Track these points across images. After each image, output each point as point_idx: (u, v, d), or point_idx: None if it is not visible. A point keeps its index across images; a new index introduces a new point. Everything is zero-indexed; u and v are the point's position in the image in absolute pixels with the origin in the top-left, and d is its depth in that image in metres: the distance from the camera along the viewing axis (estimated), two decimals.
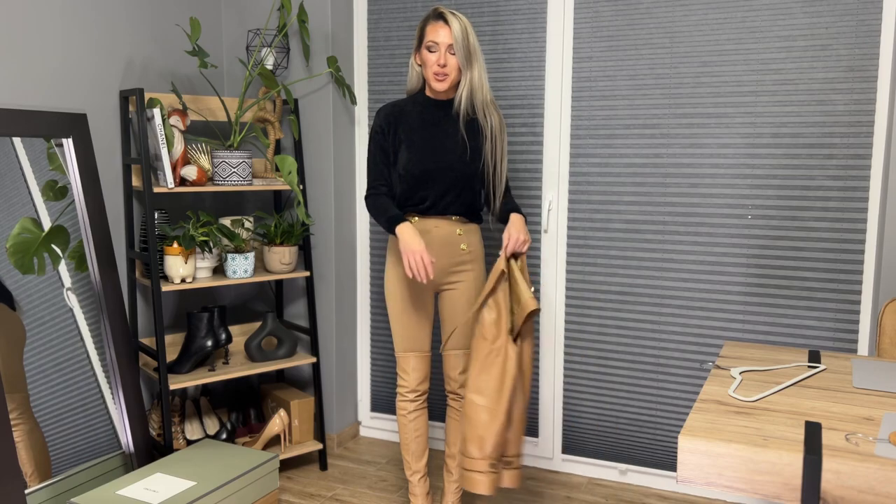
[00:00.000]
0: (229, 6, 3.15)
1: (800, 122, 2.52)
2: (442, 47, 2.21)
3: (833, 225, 2.51)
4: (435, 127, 2.30)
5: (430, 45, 2.22)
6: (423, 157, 2.27)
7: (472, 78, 2.24)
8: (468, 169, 2.30)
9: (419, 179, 2.28)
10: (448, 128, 2.30)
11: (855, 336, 2.52)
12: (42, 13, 2.45)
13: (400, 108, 2.33)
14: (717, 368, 1.76)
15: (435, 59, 2.22)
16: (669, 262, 2.74)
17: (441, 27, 2.21)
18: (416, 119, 2.30)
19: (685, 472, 1.35)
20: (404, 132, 2.29)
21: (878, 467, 1.21)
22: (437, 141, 2.28)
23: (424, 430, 2.47)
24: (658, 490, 2.84)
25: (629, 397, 2.86)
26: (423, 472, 2.49)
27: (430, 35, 2.22)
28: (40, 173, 2.43)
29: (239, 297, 3.29)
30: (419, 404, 2.45)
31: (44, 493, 2.28)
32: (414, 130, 2.29)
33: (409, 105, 2.33)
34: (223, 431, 2.87)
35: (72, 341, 2.44)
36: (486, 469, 2.15)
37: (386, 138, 2.30)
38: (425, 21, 2.25)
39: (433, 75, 2.24)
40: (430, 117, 2.31)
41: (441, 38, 2.21)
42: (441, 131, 2.29)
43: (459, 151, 2.29)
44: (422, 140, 2.28)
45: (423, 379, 2.44)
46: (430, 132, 2.29)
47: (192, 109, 2.79)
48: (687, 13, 2.63)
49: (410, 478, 2.50)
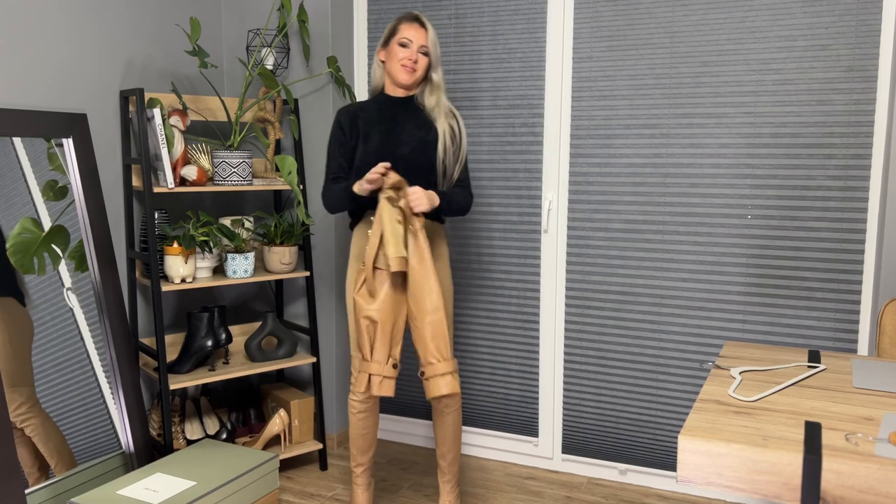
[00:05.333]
0: (229, 6, 3.15)
1: (800, 122, 2.52)
2: (415, 45, 2.30)
3: (833, 225, 2.51)
4: (393, 121, 2.36)
5: (404, 41, 2.30)
6: (379, 148, 2.32)
7: (436, 81, 2.35)
8: (425, 161, 2.34)
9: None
10: (405, 122, 2.36)
11: (855, 336, 2.52)
12: (42, 13, 2.45)
13: (359, 106, 2.41)
14: (717, 368, 1.76)
15: (406, 55, 2.30)
16: (669, 262, 2.74)
17: (417, 28, 2.31)
18: (375, 115, 2.37)
19: (685, 472, 1.35)
20: (363, 127, 2.36)
21: (878, 467, 1.21)
22: (393, 134, 2.34)
23: (372, 429, 2.53)
24: (658, 490, 2.84)
25: (629, 397, 2.86)
26: (366, 465, 2.56)
27: (405, 32, 2.30)
28: (40, 173, 2.43)
29: (239, 297, 3.29)
30: (368, 406, 2.48)
31: (44, 493, 2.28)
32: (372, 125, 2.35)
33: (370, 104, 2.41)
34: (223, 431, 2.87)
35: (72, 341, 2.44)
36: (378, 372, 2.22)
37: (345, 134, 2.37)
38: (399, 20, 2.33)
39: (401, 67, 2.30)
40: (388, 113, 2.37)
41: (415, 37, 2.30)
42: (399, 125, 2.35)
43: (415, 144, 2.34)
44: (379, 133, 2.34)
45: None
46: (387, 126, 2.35)
47: (192, 109, 2.79)
48: (687, 13, 2.63)
49: (354, 469, 2.56)
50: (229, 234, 2.67)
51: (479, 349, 3.10)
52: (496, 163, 2.97)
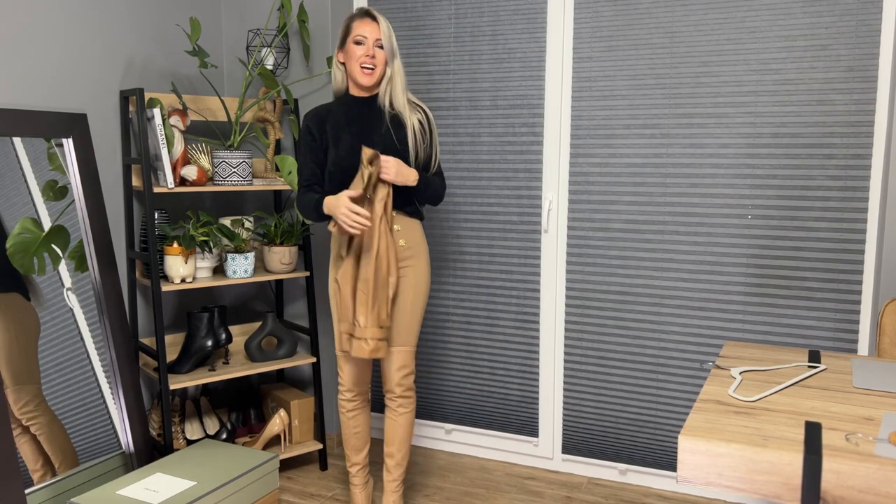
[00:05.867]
0: (229, 6, 3.15)
1: (800, 122, 2.52)
2: (370, 41, 2.30)
3: (833, 225, 2.51)
4: (361, 122, 2.36)
5: (359, 38, 2.31)
6: (351, 150, 2.32)
7: (395, 71, 2.35)
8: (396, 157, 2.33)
9: (348, 172, 2.32)
10: (374, 122, 2.36)
11: (855, 336, 2.52)
12: (42, 13, 2.45)
13: (327, 109, 2.40)
14: (717, 368, 1.76)
15: (363, 52, 2.30)
16: (669, 262, 2.74)
17: (369, 23, 2.32)
18: (342, 117, 2.37)
19: (685, 472, 1.35)
20: (331, 130, 2.36)
21: (878, 467, 1.21)
22: (363, 135, 2.34)
23: (364, 427, 2.53)
24: (658, 490, 2.84)
25: (629, 397, 2.86)
26: (362, 464, 2.56)
27: (358, 30, 2.31)
28: (40, 173, 2.43)
29: (239, 297, 3.29)
30: (357, 403, 2.50)
31: (44, 492, 2.28)
32: (341, 127, 2.35)
33: (335, 105, 2.41)
34: (223, 431, 2.87)
35: (72, 341, 2.44)
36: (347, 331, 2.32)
37: (315, 139, 2.37)
38: (350, 19, 2.34)
39: (360, 68, 2.31)
40: (355, 114, 2.37)
41: (369, 32, 2.30)
42: (367, 126, 2.35)
43: (387, 143, 2.34)
44: (349, 135, 2.34)
45: (358, 379, 2.48)
46: (356, 127, 2.35)
47: (192, 109, 2.79)
48: (687, 13, 2.63)
49: (350, 469, 2.56)
50: (229, 234, 2.67)
51: (479, 349, 3.10)
52: (496, 163, 2.97)
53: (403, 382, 2.43)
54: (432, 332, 3.18)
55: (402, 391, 2.44)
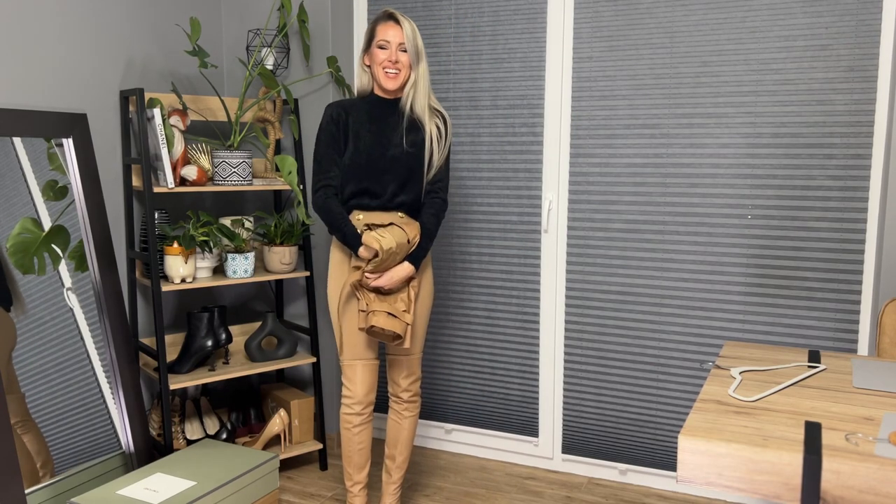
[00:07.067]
0: (229, 6, 3.15)
1: (800, 122, 2.52)
2: (393, 45, 2.28)
3: (833, 225, 2.51)
4: (382, 122, 2.35)
5: (382, 43, 2.29)
6: (369, 147, 2.31)
7: (419, 76, 2.32)
8: (413, 162, 2.33)
9: (365, 170, 2.31)
10: (394, 123, 2.35)
11: (855, 336, 2.52)
12: (42, 13, 2.45)
13: (350, 103, 2.39)
14: (717, 368, 1.76)
15: (386, 56, 2.28)
16: (669, 262, 2.74)
17: (392, 27, 2.29)
18: (364, 114, 2.36)
19: (685, 472, 1.35)
20: (353, 124, 2.35)
21: (878, 467, 1.21)
22: (383, 134, 2.33)
23: (368, 443, 2.44)
24: (658, 490, 2.84)
25: (629, 397, 2.86)
26: (363, 483, 2.46)
27: (382, 34, 2.29)
28: (40, 173, 2.43)
29: (239, 297, 3.29)
30: (365, 417, 2.39)
31: (44, 493, 2.28)
32: (361, 124, 2.34)
33: (358, 102, 2.39)
34: (223, 431, 2.87)
35: (72, 341, 2.44)
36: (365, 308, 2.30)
37: (338, 128, 2.35)
38: (375, 22, 2.32)
39: (384, 72, 2.30)
40: (377, 113, 2.36)
41: (392, 36, 2.28)
42: (388, 126, 2.35)
43: (406, 146, 2.33)
44: (369, 133, 2.33)
45: (369, 390, 2.37)
46: (377, 126, 2.34)
47: (192, 109, 2.79)
48: (687, 13, 2.63)
49: (350, 488, 2.46)
50: (229, 234, 2.67)
51: (479, 349, 3.10)
52: (496, 163, 2.97)
53: (411, 388, 2.46)
54: (432, 331, 3.18)
55: (409, 396, 2.46)
